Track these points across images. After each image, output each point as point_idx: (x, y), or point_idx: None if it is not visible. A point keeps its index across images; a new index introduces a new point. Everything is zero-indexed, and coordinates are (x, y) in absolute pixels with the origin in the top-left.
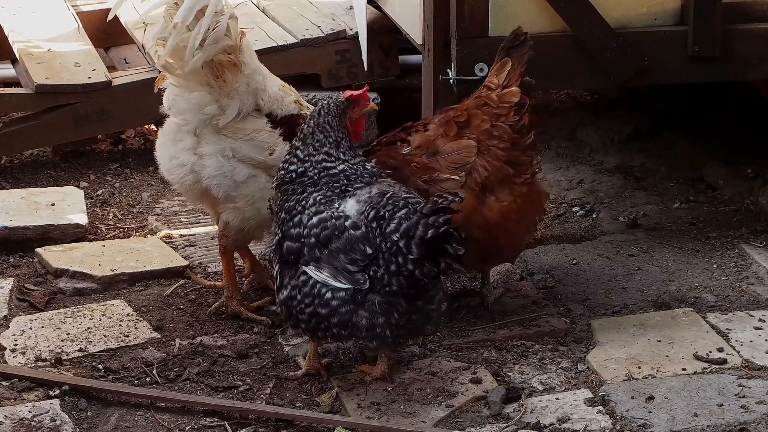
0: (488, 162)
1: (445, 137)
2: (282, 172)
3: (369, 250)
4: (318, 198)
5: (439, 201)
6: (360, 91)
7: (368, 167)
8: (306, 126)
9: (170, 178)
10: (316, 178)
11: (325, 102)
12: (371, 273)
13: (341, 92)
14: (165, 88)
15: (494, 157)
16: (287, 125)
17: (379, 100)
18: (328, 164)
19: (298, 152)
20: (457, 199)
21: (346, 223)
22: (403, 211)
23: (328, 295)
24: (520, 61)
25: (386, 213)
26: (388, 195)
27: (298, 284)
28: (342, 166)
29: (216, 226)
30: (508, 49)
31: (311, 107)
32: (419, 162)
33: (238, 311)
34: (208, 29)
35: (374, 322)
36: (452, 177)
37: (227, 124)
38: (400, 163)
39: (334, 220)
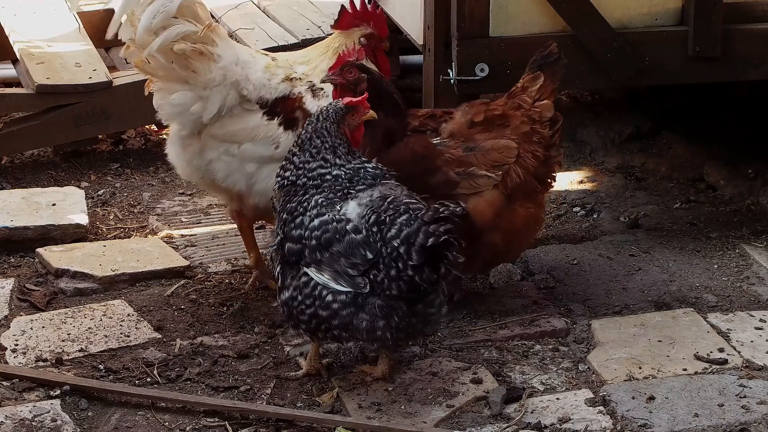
0: (522, 171)
1: (482, 132)
2: (279, 178)
3: (370, 255)
4: (319, 200)
5: (441, 209)
6: (359, 98)
7: (370, 168)
8: (304, 132)
9: (192, 180)
10: (310, 183)
11: (324, 108)
12: (371, 277)
13: (341, 98)
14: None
15: (527, 169)
16: (283, 112)
17: None
18: (323, 170)
19: (295, 158)
20: (458, 210)
21: (347, 227)
22: (404, 217)
23: (329, 297)
24: (554, 77)
25: (387, 218)
26: (389, 199)
27: (299, 285)
28: (336, 172)
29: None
30: (541, 64)
31: (304, 78)
32: (454, 154)
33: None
34: (158, 12)
35: (374, 325)
36: (489, 174)
37: (212, 124)
38: (431, 152)
39: (335, 223)
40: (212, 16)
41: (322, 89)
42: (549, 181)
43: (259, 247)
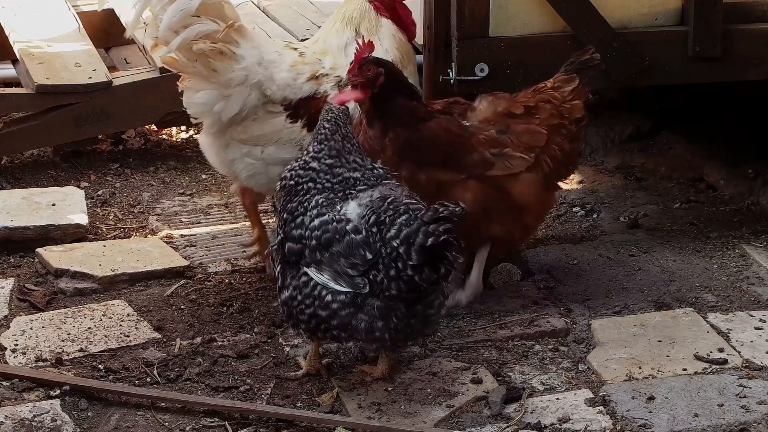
0: (550, 159)
1: (513, 118)
2: (288, 179)
3: (369, 256)
4: (320, 200)
5: (440, 209)
6: (353, 94)
7: (379, 169)
8: (331, 138)
9: (220, 171)
10: (328, 184)
11: (335, 112)
12: (371, 277)
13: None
14: None
15: (553, 158)
16: (307, 114)
17: None
18: (348, 174)
19: (314, 163)
20: (458, 210)
21: (347, 227)
22: (403, 217)
23: (329, 297)
24: (588, 82)
25: (387, 218)
26: (389, 200)
27: (299, 285)
28: (357, 174)
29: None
30: (579, 68)
31: (331, 73)
32: (488, 135)
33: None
34: (179, 10)
35: (373, 325)
36: (523, 156)
37: (236, 127)
38: (466, 131)
39: (335, 224)
40: None
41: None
42: (571, 168)
43: (263, 225)
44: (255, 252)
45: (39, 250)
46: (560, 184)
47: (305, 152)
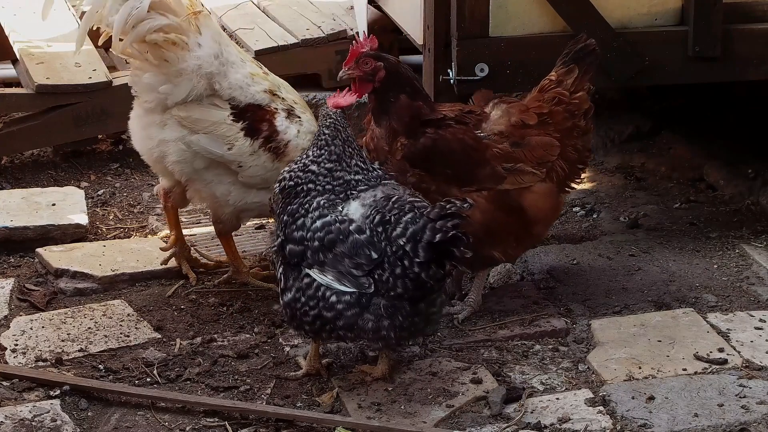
0: (566, 164)
1: (527, 129)
2: (287, 180)
3: (374, 255)
4: (321, 201)
5: (447, 206)
6: (343, 96)
7: (379, 170)
8: (332, 142)
9: (140, 151)
10: (329, 186)
11: (332, 117)
12: (376, 276)
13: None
14: None
15: (569, 161)
16: (251, 119)
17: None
18: (349, 177)
19: (321, 165)
20: (465, 206)
21: (351, 228)
22: (409, 215)
23: (333, 298)
24: (588, 70)
25: (392, 217)
26: (393, 199)
27: (302, 287)
28: (358, 177)
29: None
30: (576, 58)
31: (288, 101)
32: (503, 149)
33: (246, 281)
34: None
35: (379, 324)
36: (534, 171)
37: (178, 105)
38: (480, 144)
39: (338, 224)
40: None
41: (299, 117)
42: (582, 167)
43: (182, 227)
44: (172, 254)
45: (39, 250)
46: (572, 185)
47: (304, 156)
